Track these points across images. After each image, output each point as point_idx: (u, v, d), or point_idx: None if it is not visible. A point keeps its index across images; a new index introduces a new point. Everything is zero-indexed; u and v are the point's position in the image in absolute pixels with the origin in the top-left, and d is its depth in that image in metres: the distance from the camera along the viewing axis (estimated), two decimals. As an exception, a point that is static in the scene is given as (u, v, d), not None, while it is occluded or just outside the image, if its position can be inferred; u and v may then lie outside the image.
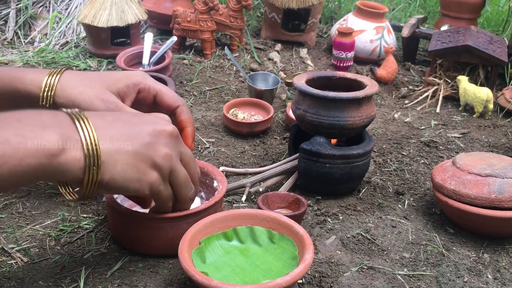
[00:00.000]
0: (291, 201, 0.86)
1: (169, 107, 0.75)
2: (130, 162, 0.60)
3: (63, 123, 0.57)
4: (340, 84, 0.98)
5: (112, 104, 0.69)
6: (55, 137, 0.54)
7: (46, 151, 0.53)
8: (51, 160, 0.54)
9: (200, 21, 1.60)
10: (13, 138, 0.52)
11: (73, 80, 0.70)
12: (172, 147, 0.65)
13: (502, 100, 1.39)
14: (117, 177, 0.60)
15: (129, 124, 0.63)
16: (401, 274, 0.76)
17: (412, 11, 2.27)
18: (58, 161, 0.55)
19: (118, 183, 0.60)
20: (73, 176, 0.57)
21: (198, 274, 0.61)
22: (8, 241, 0.78)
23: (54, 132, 0.55)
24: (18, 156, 0.51)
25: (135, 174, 0.61)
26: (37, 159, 0.53)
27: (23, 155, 0.52)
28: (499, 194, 0.80)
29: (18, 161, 0.51)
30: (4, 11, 1.81)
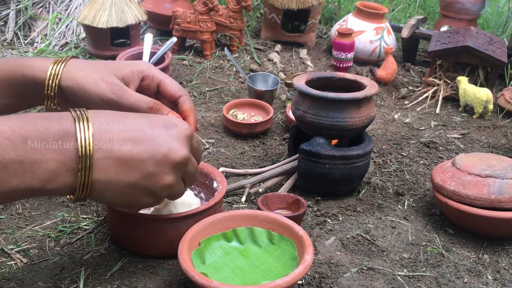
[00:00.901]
0: (291, 202, 0.86)
1: (172, 97, 0.75)
2: (122, 191, 0.60)
3: (66, 133, 0.57)
4: (340, 84, 0.98)
5: (116, 87, 0.69)
6: (53, 165, 0.56)
7: (42, 177, 0.55)
8: (44, 187, 0.56)
9: (200, 22, 1.60)
10: (11, 165, 0.53)
11: (79, 65, 0.71)
12: (177, 173, 0.64)
13: (502, 100, 1.40)
14: (106, 200, 0.62)
15: (142, 144, 0.61)
16: (401, 275, 0.76)
17: (412, 12, 2.27)
18: (51, 187, 0.56)
19: (108, 202, 0.64)
20: (66, 192, 0.59)
21: (197, 275, 0.61)
22: (7, 242, 0.78)
23: (52, 161, 0.56)
24: (14, 183, 0.54)
25: (126, 200, 0.62)
26: (30, 183, 0.55)
27: (19, 180, 0.54)
28: (499, 195, 0.80)
29: (18, 182, 0.54)
30: (4, 12, 1.81)
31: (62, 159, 0.56)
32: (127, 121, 0.61)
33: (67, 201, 0.89)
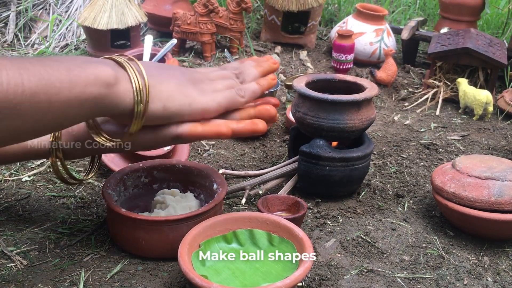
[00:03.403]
0: (291, 203, 0.86)
1: None
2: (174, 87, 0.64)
3: (110, 63, 0.62)
4: (339, 86, 0.98)
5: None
6: (110, 70, 0.59)
7: (104, 81, 0.58)
8: (109, 90, 0.58)
9: (200, 23, 1.60)
10: (74, 68, 0.57)
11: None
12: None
13: (502, 102, 1.40)
14: (168, 104, 0.63)
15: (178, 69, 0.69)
16: (401, 277, 0.76)
17: (412, 14, 2.27)
18: (114, 91, 0.59)
19: (172, 109, 0.64)
20: (124, 108, 0.61)
21: (197, 277, 0.61)
22: (7, 244, 0.78)
23: (108, 66, 0.60)
24: (82, 83, 0.56)
25: (183, 98, 0.64)
26: (98, 88, 0.57)
27: (85, 83, 0.56)
28: (499, 197, 0.80)
29: (82, 87, 0.56)
30: (4, 14, 1.81)
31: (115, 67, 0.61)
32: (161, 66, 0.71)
33: (67, 203, 0.89)
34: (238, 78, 0.72)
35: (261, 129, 0.69)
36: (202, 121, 0.67)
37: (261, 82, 0.72)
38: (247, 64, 0.75)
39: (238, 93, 0.69)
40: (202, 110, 0.66)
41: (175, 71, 0.69)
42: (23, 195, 0.91)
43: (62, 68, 0.55)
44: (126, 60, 0.63)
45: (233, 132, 0.68)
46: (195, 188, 0.87)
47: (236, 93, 0.69)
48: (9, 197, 0.91)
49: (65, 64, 0.56)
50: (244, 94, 0.70)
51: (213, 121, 0.68)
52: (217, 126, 0.67)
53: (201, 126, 0.66)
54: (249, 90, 0.71)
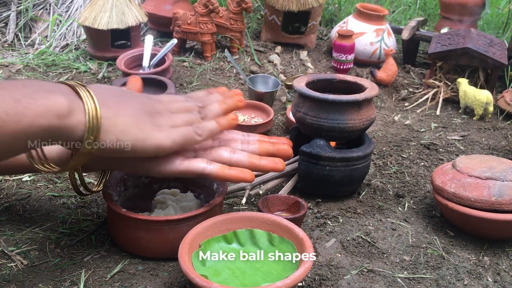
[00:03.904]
0: (291, 203, 0.86)
1: None
2: (128, 122, 0.62)
3: (65, 90, 0.59)
4: (340, 86, 0.98)
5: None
6: (63, 100, 0.56)
7: (56, 112, 0.55)
8: (60, 122, 0.56)
9: (200, 23, 1.60)
10: (24, 99, 0.54)
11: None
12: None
13: (502, 102, 1.40)
14: (121, 138, 0.61)
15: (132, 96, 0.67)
16: (401, 277, 0.76)
17: (412, 14, 2.27)
18: (66, 123, 0.57)
19: (124, 143, 0.62)
20: (76, 138, 0.58)
21: (198, 277, 0.61)
22: (8, 243, 0.78)
23: (62, 95, 0.57)
24: (31, 115, 0.53)
25: (137, 132, 0.62)
26: (48, 120, 0.55)
27: (35, 115, 0.54)
28: (499, 197, 0.80)
29: (31, 120, 0.53)
30: (4, 14, 1.81)
31: (70, 96, 0.58)
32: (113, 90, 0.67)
33: (67, 203, 0.89)
34: (200, 113, 0.71)
35: (280, 168, 0.72)
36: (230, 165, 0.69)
37: (220, 121, 0.71)
38: (212, 98, 0.74)
39: (195, 131, 0.68)
40: (156, 146, 0.64)
41: (134, 100, 0.66)
42: (23, 195, 0.91)
43: (9, 98, 0.52)
44: (83, 89, 0.60)
45: (255, 168, 0.71)
46: (195, 188, 0.87)
47: (193, 131, 0.68)
48: (10, 197, 0.91)
49: (13, 93, 0.53)
50: (201, 132, 0.69)
51: (241, 160, 0.70)
52: (243, 173, 0.69)
53: (228, 169, 0.68)
54: (207, 129, 0.70)
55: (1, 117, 0.51)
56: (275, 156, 0.73)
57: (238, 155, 0.70)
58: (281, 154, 0.73)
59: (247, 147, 0.72)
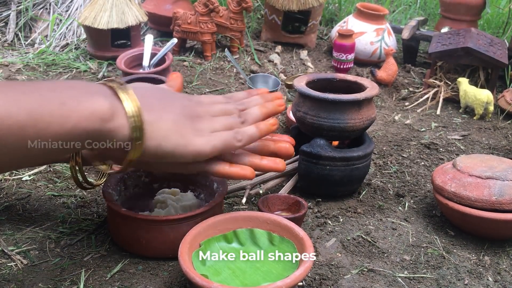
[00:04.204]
0: (291, 203, 0.86)
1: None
2: (170, 127, 0.61)
3: (108, 94, 0.58)
4: (340, 86, 0.98)
5: None
6: (106, 104, 0.56)
7: (99, 116, 0.55)
8: (103, 126, 0.56)
9: (201, 23, 1.60)
10: (70, 101, 0.54)
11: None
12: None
13: (503, 102, 1.39)
14: (163, 143, 0.61)
15: (172, 97, 0.66)
16: (401, 277, 0.76)
17: (413, 13, 2.27)
18: (108, 127, 0.56)
19: (165, 149, 0.61)
20: (117, 143, 0.58)
21: (198, 277, 0.61)
22: (8, 243, 0.78)
23: (105, 99, 0.56)
24: (75, 118, 0.53)
25: (178, 138, 0.62)
26: (91, 123, 0.55)
27: (79, 117, 0.54)
28: (500, 197, 0.80)
29: (75, 122, 0.53)
30: (4, 13, 1.81)
31: (112, 100, 0.58)
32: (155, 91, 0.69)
33: (67, 202, 0.89)
34: (240, 116, 0.70)
35: (281, 168, 0.71)
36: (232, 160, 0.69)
37: (260, 127, 0.70)
38: (253, 101, 0.73)
39: (235, 136, 0.67)
40: (196, 153, 0.64)
41: (176, 103, 0.65)
42: (23, 195, 0.91)
43: (55, 99, 0.53)
44: (124, 92, 0.59)
45: (255, 167, 0.70)
46: (196, 188, 0.87)
47: (233, 137, 0.67)
48: (10, 196, 0.91)
49: (59, 94, 0.54)
50: (241, 138, 0.68)
51: (241, 160, 0.69)
52: (244, 170, 0.68)
53: (229, 166, 0.68)
54: (246, 134, 0.68)
55: (45, 120, 0.51)
56: (276, 154, 0.73)
57: (238, 154, 0.70)
58: (282, 153, 0.72)
59: (248, 146, 0.72)
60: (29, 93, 0.52)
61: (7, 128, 0.49)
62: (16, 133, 0.50)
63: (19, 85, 0.54)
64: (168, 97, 0.67)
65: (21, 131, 0.50)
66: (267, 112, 0.72)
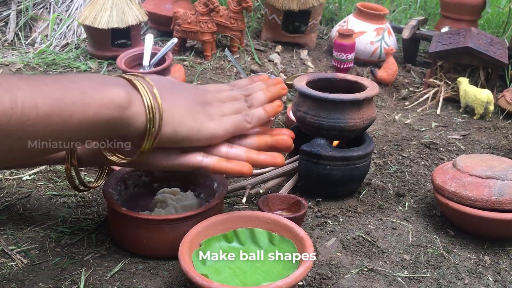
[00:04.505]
0: (292, 203, 0.86)
1: None
2: (184, 112, 0.64)
3: (124, 84, 0.61)
4: (340, 86, 0.98)
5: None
6: (123, 92, 0.59)
7: (118, 104, 0.58)
8: (121, 113, 0.58)
9: (201, 22, 1.60)
10: (89, 90, 0.56)
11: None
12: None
13: (503, 101, 1.39)
14: (178, 129, 0.63)
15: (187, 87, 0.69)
16: (401, 276, 0.76)
17: (413, 13, 2.27)
18: (127, 114, 0.59)
19: (181, 134, 0.64)
20: (135, 130, 0.60)
21: (198, 276, 0.61)
22: (8, 242, 0.78)
23: (121, 88, 0.59)
24: (96, 106, 0.56)
25: (192, 123, 0.64)
26: (111, 111, 0.57)
27: (99, 105, 0.56)
28: (500, 196, 0.80)
29: (96, 110, 0.56)
30: (4, 13, 1.81)
31: (129, 89, 0.60)
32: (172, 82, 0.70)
33: (68, 202, 0.89)
34: (246, 101, 0.73)
35: (280, 163, 0.71)
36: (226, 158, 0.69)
37: (267, 108, 0.73)
38: (256, 86, 0.76)
39: (245, 118, 0.70)
40: (210, 136, 0.66)
41: (186, 92, 0.68)
42: (23, 194, 0.91)
43: (76, 89, 0.55)
44: (140, 81, 0.62)
45: (253, 163, 0.70)
46: (196, 187, 0.87)
47: (243, 119, 0.70)
48: (10, 196, 0.91)
49: (80, 85, 0.56)
50: (251, 120, 0.71)
51: (239, 155, 0.70)
52: (241, 165, 0.68)
53: (225, 162, 0.68)
54: (255, 116, 0.71)
55: (69, 108, 0.54)
56: (275, 147, 0.73)
57: (235, 149, 0.70)
58: (281, 146, 0.72)
59: (245, 141, 0.72)
60: (52, 85, 0.54)
61: (35, 117, 0.51)
62: (43, 122, 0.52)
63: (42, 77, 0.56)
64: (177, 86, 0.70)
65: (47, 120, 0.52)
66: (271, 96, 0.75)
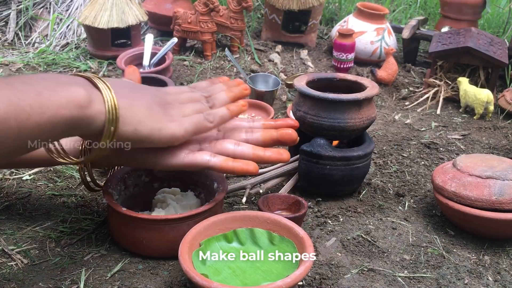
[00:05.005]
0: (292, 202, 0.86)
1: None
2: (143, 112, 0.63)
3: (83, 82, 0.60)
4: (340, 85, 0.98)
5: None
6: (82, 91, 0.58)
7: (77, 103, 0.57)
8: (81, 112, 0.57)
9: (201, 22, 1.60)
10: (46, 91, 0.55)
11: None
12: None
13: (503, 101, 1.39)
14: (139, 128, 0.62)
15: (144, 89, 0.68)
16: (401, 276, 0.76)
17: (413, 13, 2.27)
18: (87, 113, 0.58)
19: (142, 133, 0.63)
20: (95, 128, 0.60)
21: (198, 276, 0.61)
22: (8, 242, 0.78)
23: (80, 86, 0.58)
24: (53, 107, 0.54)
25: (153, 123, 0.64)
26: (70, 110, 0.56)
27: (57, 106, 0.55)
28: (500, 196, 0.80)
29: (54, 111, 0.55)
30: (4, 12, 1.81)
31: (88, 88, 0.60)
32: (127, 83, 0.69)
33: (68, 202, 0.89)
34: (208, 102, 0.72)
35: (285, 159, 0.72)
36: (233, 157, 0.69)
37: (230, 108, 0.72)
38: (217, 88, 0.75)
39: (206, 118, 0.70)
40: (170, 136, 0.66)
41: (146, 92, 0.68)
42: (23, 194, 0.91)
43: (32, 91, 0.54)
44: (99, 80, 0.61)
45: (260, 160, 0.70)
46: (196, 187, 0.87)
47: (204, 118, 0.69)
48: (10, 195, 0.91)
49: (35, 87, 0.54)
50: (212, 119, 0.70)
51: (245, 153, 0.70)
52: (247, 165, 0.69)
53: (232, 162, 0.68)
54: (217, 115, 0.71)
55: (26, 110, 0.52)
56: (280, 141, 0.73)
57: (242, 147, 0.70)
58: (286, 139, 0.73)
59: (251, 136, 0.72)
60: (5, 88, 0.52)
61: None
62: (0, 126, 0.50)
63: None
64: (136, 87, 0.69)
65: (3, 124, 0.51)
66: (233, 96, 0.74)
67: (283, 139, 0.72)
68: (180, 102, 0.70)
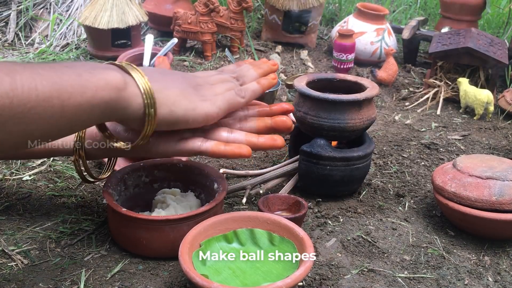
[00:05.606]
0: (292, 203, 0.86)
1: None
2: (177, 93, 0.65)
3: (116, 68, 0.62)
4: (340, 86, 0.98)
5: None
6: (118, 74, 0.60)
7: (114, 85, 0.59)
8: (118, 94, 0.59)
9: (201, 23, 1.60)
10: (84, 73, 0.57)
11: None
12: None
13: (503, 102, 1.39)
14: (174, 109, 0.63)
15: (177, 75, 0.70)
16: (401, 277, 0.76)
17: (413, 13, 2.27)
18: (124, 95, 0.60)
19: (177, 114, 0.64)
20: (132, 112, 0.61)
21: (198, 277, 0.61)
22: (8, 243, 0.78)
23: (115, 71, 0.60)
24: (93, 88, 0.57)
25: (187, 103, 0.65)
26: (108, 92, 0.58)
27: (96, 87, 0.57)
28: (500, 197, 0.80)
29: (93, 92, 0.57)
30: (5, 13, 1.81)
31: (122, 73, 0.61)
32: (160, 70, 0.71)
33: (68, 202, 0.89)
34: (237, 80, 0.73)
35: (279, 145, 0.71)
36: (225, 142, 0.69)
37: (261, 82, 0.73)
38: (244, 67, 0.76)
39: (238, 93, 0.71)
40: (205, 115, 0.67)
41: (177, 76, 0.69)
42: (23, 194, 0.91)
43: (72, 73, 0.56)
44: (131, 65, 0.63)
45: (253, 146, 0.70)
46: (196, 188, 0.87)
47: (236, 94, 0.70)
48: (10, 196, 0.91)
49: (75, 69, 0.57)
50: (244, 94, 0.71)
51: (238, 139, 0.70)
52: (239, 148, 0.68)
53: (224, 145, 0.68)
54: (249, 90, 0.72)
55: (68, 90, 0.54)
56: (274, 129, 0.73)
57: (235, 134, 0.70)
58: (280, 127, 0.73)
59: (245, 124, 0.72)
60: (48, 69, 0.55)
61: (35, 99, 0.52)
62: (43, 104, 0.52)
63: (36, 64, 0.57)
64: (168, 72, 0.71)
65: (47, 102, 0.53)
66: (262, 72, 0.75)
67: (277, 127, 0.73)
68: (210, 83, 0.71)
